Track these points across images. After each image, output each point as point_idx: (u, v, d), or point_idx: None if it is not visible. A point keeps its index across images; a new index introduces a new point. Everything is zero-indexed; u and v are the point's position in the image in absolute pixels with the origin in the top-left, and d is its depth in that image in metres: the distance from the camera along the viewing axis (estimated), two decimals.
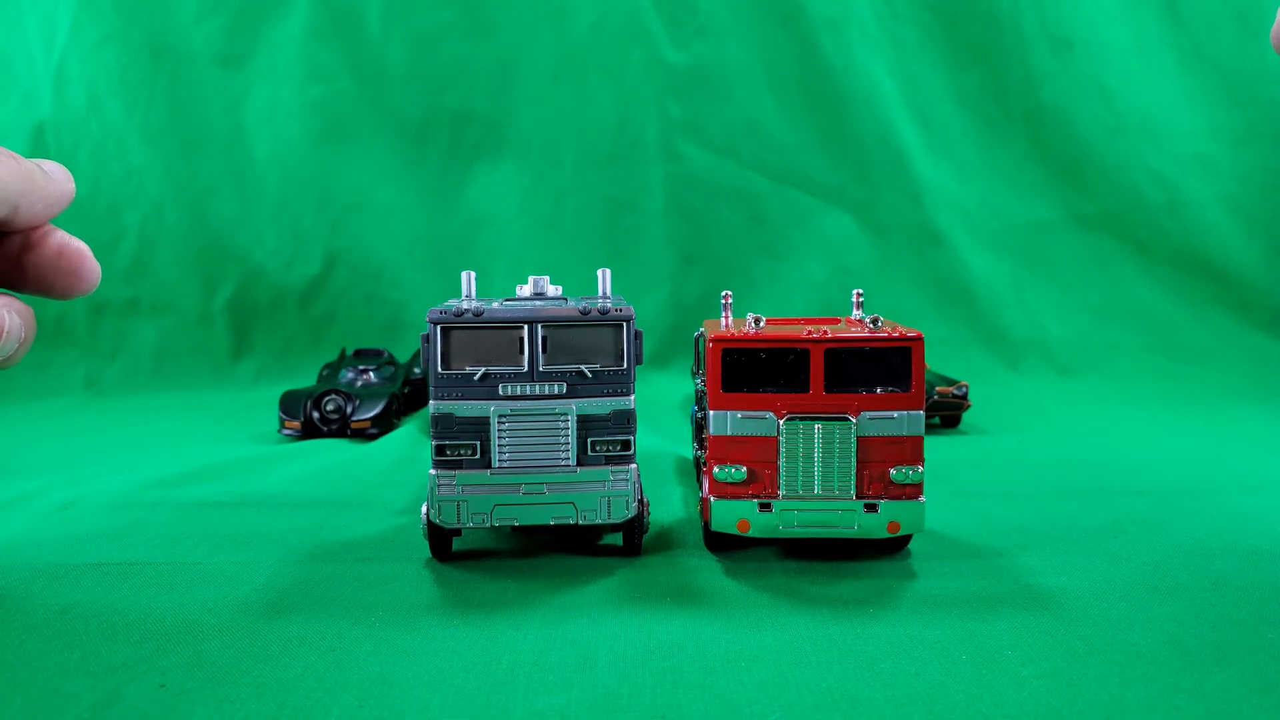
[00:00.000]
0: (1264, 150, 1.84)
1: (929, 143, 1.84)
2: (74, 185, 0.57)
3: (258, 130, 1.80)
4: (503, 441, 0.68)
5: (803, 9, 1.79)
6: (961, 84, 1.85)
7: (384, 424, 1.24)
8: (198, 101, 1.79)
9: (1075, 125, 1.84)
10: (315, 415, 1.23)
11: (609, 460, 0.69)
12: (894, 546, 0.73)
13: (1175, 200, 1.84)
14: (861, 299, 0.77)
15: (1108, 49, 1.83)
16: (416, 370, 1.41)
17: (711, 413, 0.70)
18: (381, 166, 1.81)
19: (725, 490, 0.69)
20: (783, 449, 0.68)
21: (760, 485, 0.69)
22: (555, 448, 0.68)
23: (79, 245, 0.57)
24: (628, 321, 0.69)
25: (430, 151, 1.82)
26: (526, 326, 0.68)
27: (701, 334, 0.79)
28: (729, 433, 0.69)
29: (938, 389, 1.22)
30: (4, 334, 0.53)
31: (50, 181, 0.55)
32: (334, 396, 1.24)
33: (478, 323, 0.68)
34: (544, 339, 0.68)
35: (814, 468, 0.68)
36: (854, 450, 0.68)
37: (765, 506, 0.69)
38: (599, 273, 0.77)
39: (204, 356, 1.76)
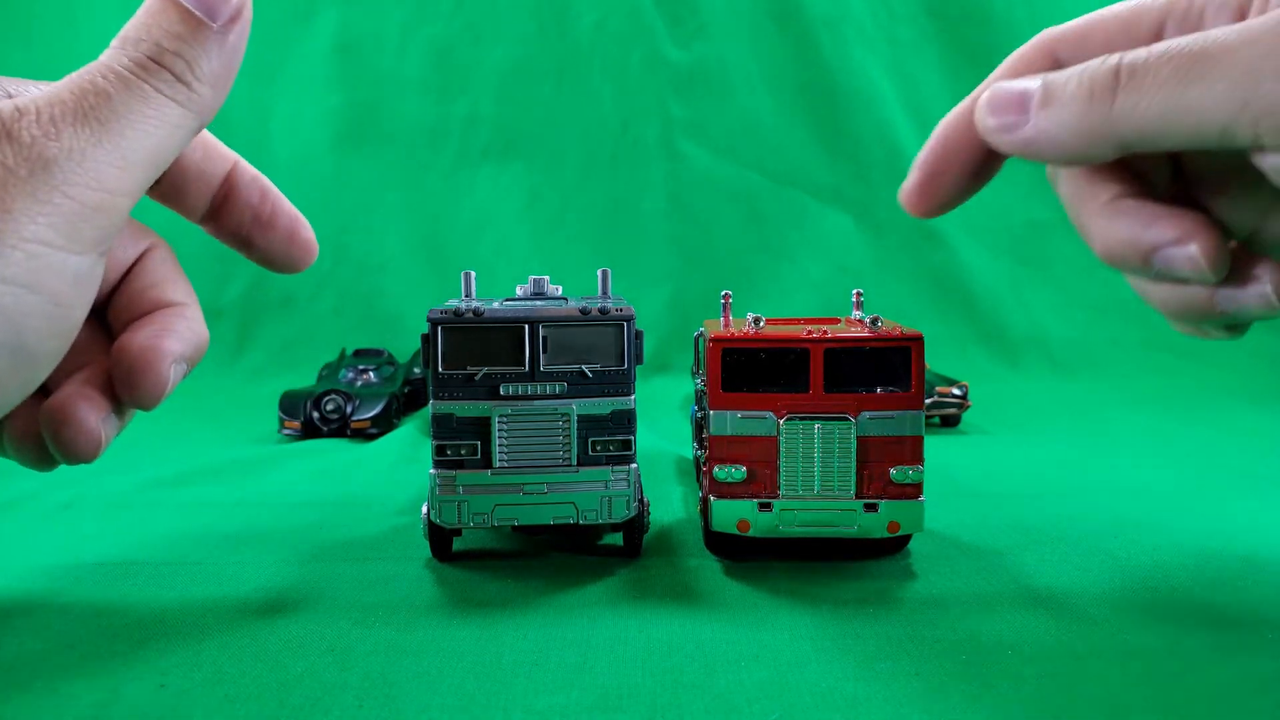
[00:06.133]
0: None
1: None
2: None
3: (281, 138, 1.85)
4: (503, 441, 0.68)
5: (801, 9, 1.80)
6: (957, 83, 1.85)
7: (384, 424, 1.24)
8: (226, 112, 1.82)
9: None
10: (315, 415, 1.23)
11: (609, 460, 0.69)
12: (894, 546, 0.73)
13: None
14: (861, 299, 0.77)
15: None
16: (416, 370, 1.41)
17: (711, 413, 0.70)
18: (392, 170, 1.83)
19: (725, 490, 0.69)
20: (783, 449, 0.68)
21: (760, 485, 0.69)
22: (555, 448, 0.68)
23: (308, 235, 0.56)
24: (628, 321, 0.69)
25: (439, 155, 1.84)
26: (527, 326, 0.68)
27: (701, 334, 0.79)
28: (729, 433, 0.69)
29: (938, 389, 1.22)
30: (158, 396, 0.52)
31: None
32: (334, 396, 1.24)
33: (478, 322, 0.68)
34: (544, 339, 0.68)
35: (814, 468, 0.68)
36: (854, 450, 0.68)
37: (765, 506, 0.69)
38: (599, 272, 0.76)
39: (206, 356, 1.77)
